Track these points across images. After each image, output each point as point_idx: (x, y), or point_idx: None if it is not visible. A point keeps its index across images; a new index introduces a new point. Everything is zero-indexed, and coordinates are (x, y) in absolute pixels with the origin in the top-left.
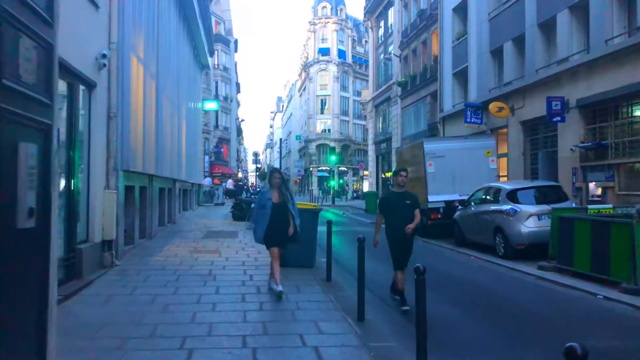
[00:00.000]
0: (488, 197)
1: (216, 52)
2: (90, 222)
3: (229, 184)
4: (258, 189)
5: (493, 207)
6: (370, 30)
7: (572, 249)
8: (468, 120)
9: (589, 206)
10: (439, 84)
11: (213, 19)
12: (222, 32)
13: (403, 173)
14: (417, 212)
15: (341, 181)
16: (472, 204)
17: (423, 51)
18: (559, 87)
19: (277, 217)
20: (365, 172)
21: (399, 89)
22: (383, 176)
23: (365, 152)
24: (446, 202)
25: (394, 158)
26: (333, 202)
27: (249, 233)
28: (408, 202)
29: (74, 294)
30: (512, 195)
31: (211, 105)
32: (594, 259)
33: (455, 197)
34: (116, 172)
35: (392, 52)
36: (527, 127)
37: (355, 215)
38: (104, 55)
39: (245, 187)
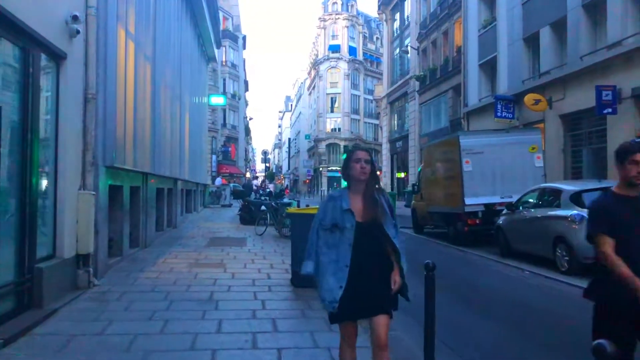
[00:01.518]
0: (544, 200)
1: (224, 48)
2: (58, 233)
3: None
4: (268, 189)
5: (552, 213)
6: (384, 23)
7: None
8: (499, 114)
9: None
10: (463, 76)
11: (221, 14)
12: (230, 27)
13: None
14: None
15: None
16: (522, 208)
17: (444, 42)
18: (608, 75)
19: (365, 255)
20: (378, 173)
21: (417, 83)
22: (397, 176)
23: (377, 151)
24: (485, 205)
25: (410, 157)
26: None
27: (258, 240)
28: None
29: (22, 334)
30: (577, 199)
31: (218, 100)
32: None
33: (495, 199)
34: (95, 168)
35: (409, 44)
36: (568, 121)
37: None
38: (75, 18)
39: (254, 187)
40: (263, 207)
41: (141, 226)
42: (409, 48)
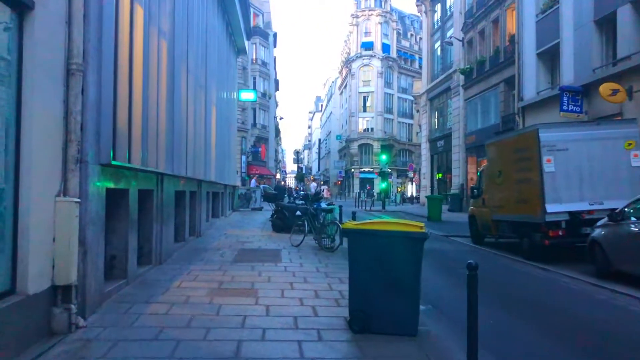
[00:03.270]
0: None
1: (254, 45)
2: (19, 258)
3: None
4: (302, 192)
5: None
6: (423, 15)
7: None
8: (565, 108)
9: None
10: (517, 67)
11: (251, 10)
12: (260, 24)
13: None
14: None
15: (385, 184)
16: (634, 218)
17: (493, 31)
18: None
19: None
20: (412, 174)
21: (462, 77)
22: (436, 177)
23: (411, 152)
24: (571, 213)
25: (454, 157)
26: (383, 207)
27: (295, 253)
28: None
29: None
30: None
31: (248, 96)
32: None
33: (583, 206)
34: (84, 167)
35: (452, 36)
36: None
37: None
38: None
39: (288, 189)
40: (298, 213)
41: (154, 238)
42: (452, 40)
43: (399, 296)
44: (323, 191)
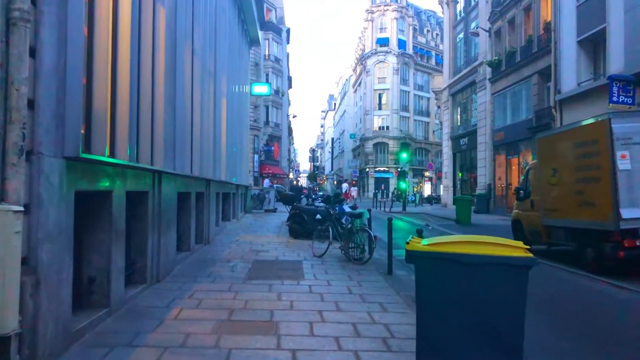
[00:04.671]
0: None
1: (267, 41)
2: None
3: (345, 188)
4: (321, 193)
5: None
6: (445, 6)
7: None
8: (615, 99)
9: None
10: (554, 57)
11: (264, 6)
12: (273, 19)
13: None
14: None
15: (406, 184)
16: None
17: (525, 20)
18: None
19: None
20: (427, 174)
21: (489, 70)
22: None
23: (427, 151)
24: None
25: (480, 155)
26: (404, 209)
27: (319, 266)
28: None
29: None
30: None
31: (261, 89)
32: None
33: None
34: (36, 159)
35: (479, 26)
36: None
37: (446, 229)
38: None
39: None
40: (318, 216)
41: (150, 251)
42: (479, 30)
43: (495, 354)
44: (353, 192)
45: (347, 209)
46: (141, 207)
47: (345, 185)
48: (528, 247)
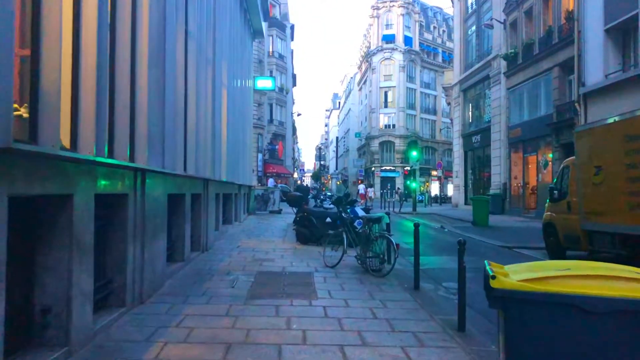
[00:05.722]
0: None
1: (271, 37)
2: None
3: (362, 189)
4: (330, 193)
5: None
6: None
7: None
8: None
9: None
10: (577, 48)
11: (268, 1)
12: (277, 15)
13: None
14: None
15: (416, 183)
16: None
17: (544, 10)
18: None
19: None
20: (434, 173)
21: (504, 64)
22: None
23: (434, 150)
24: None
25: (494, 153)
26: (414, 209)
27: (332, 279)
28: None
29: None
30: None
31: (265, 84)
32: None
33: None
34: None
35: (493, 18)
36: None
37: (463, 232)
38: None
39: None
40: (328, 220)
41: (129, 266)
42: (493, 22)
43: None
44: (370, 193)
45: (360, 211)
46: (119, 213)
47: (362, 186)
48: None
